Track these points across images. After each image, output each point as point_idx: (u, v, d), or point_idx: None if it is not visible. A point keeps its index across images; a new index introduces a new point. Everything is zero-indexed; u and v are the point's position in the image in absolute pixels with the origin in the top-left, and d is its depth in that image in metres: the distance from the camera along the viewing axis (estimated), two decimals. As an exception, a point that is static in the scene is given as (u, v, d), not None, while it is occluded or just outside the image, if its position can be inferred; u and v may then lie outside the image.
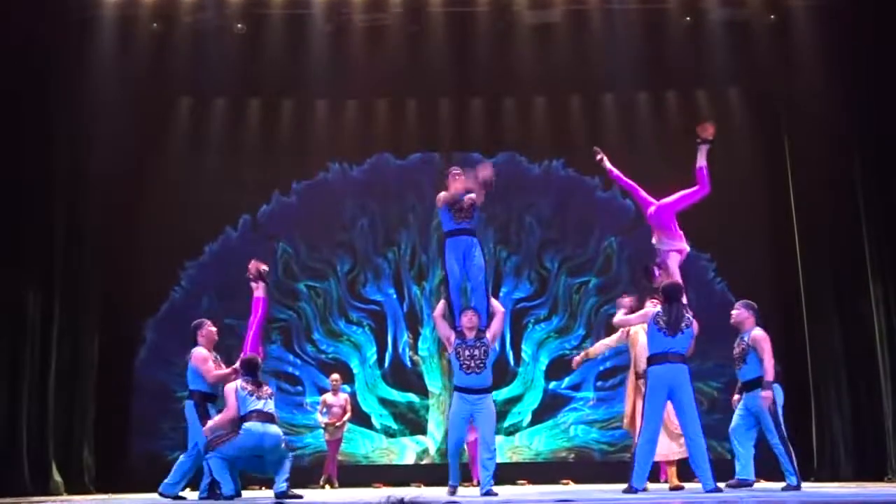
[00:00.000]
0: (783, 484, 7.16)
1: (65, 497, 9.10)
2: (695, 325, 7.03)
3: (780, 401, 7.29)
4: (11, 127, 9.49)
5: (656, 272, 7.64)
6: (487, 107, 12.29)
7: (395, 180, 12.40)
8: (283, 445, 7.02)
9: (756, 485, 7.45)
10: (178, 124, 12.04)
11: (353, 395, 11.35)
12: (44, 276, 9.78)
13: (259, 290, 8.08)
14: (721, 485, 6.78)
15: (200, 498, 7.15)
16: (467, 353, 7.15)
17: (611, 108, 12.19)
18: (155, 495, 8.13)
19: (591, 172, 12.32)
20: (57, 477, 9.51)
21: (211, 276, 11.91)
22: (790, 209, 11.24)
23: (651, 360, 6.88)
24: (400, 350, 11.84)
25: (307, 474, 10.60)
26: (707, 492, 6.59)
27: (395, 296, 12.12)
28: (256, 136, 12.11)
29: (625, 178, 8.15)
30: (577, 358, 8.46)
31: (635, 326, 7.78)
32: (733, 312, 7.50)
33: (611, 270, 12.09)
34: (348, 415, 10.69)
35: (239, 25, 11.35)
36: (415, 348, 11.98)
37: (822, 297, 10.70)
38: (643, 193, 8.01)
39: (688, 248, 7.91)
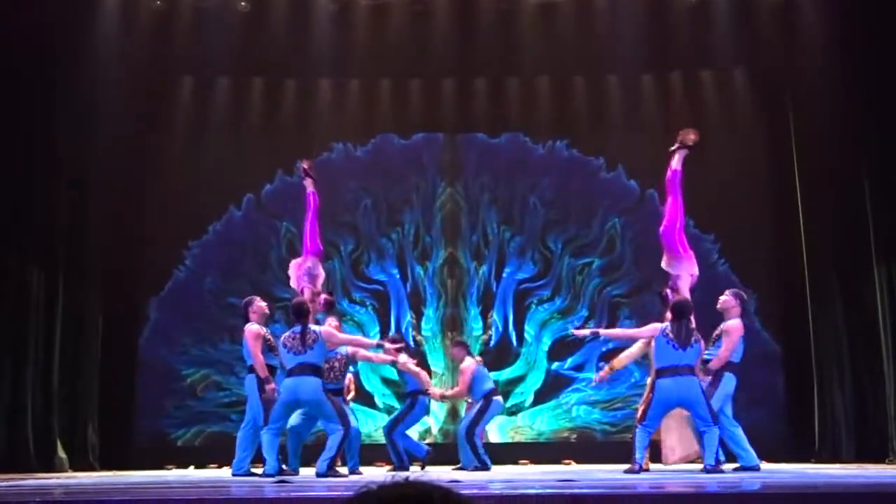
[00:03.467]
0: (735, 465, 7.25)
1: (69, 474, 9.16)
2: (702, 343, 7.11)
3: (730, 390, 7.36)
4: (15, 107, 9.48)
5: (670, 295, 7.73)
6: (491, 87, 12.25)
7: (399, 160, 12.38)
8: (320, 394, 7.07)
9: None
10: (182, 103, 12.02)
11: (356, 375, 11.39)
12: (47, 254, 9.80)
13: (309, 185, 8.55)
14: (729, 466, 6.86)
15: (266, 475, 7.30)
16: None
17: (615, 89, 12.16)
18: (159, 472, 8.21)
19: (595, 153, 12.32)
20: (61, 454, 9.57)
21: (215, 255, 11.94)
22: (795, 190, 11.22)
23: (660, 373, 6.95)
24: (403, 330, 11.86)
25: (308, 453, 10.68)
26: (706, 468, 6.64)
27: (398, 276, 12.13)
28: (260, 116, 12.09)
29: (678, 187, 8.02)
30: (602, 373, 8.43)
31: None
32: (721, 298, 7.63)
33: (614, 251, 12.09)
34: (352, 394, 10.72)
35: (242, 3, 11.32)
36: (418, 328, 12.01)
37: (825, 279, 10.69)
38: (669, 207, 8.00)
39: (696, 272, 7.91)
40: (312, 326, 7.27)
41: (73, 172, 10.18)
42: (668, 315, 7.31)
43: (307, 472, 7.73)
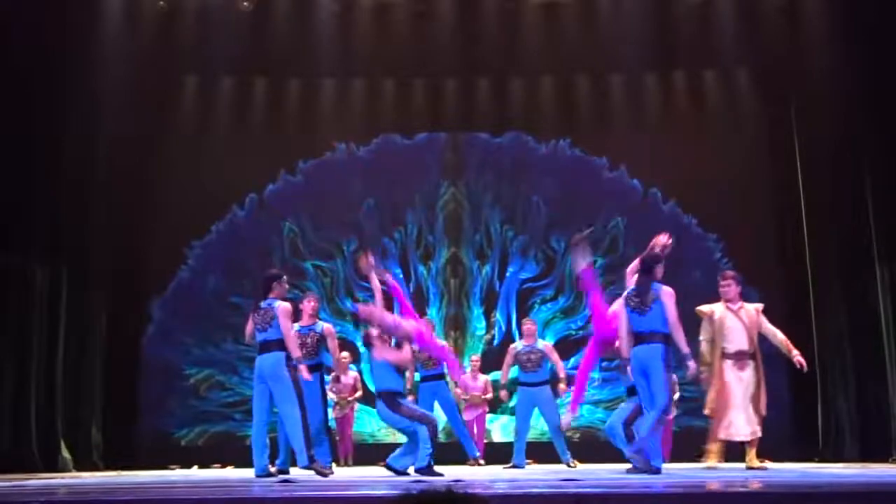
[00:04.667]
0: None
1: (74, 474, 9.18)
2: (664, 294, 6.70)
3: None
4: (20, 106, 9.49)
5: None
6: (494, 86, 12.26)
7: (402, 160, 12.40)
8: (279, 370, 7.04)
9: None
10: (185, 103, 12.05)
11: (359, 374, 11.40)
12: (51, 255, 9.81)
13: (374, 281, 7.66)
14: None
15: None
16: (524, 357, 8.99)
17: (618, 89, 12.16)
18: (163, 472, 8.22)
19: (598, 153, 12.33)
20: (66, 454, 9.59)
21: (218, 255, 11.97)
22: (798, 189, 11.23)
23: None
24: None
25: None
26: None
27: (401, 275, 12.14)
28: (263, 115, 12.12)
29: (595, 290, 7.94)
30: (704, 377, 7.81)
31: (716, 309, 7.75)
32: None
33: (617, 251, 12.09)
34: (359, 393, 10.75)
35: (245, 3, 11.33)
36: (421, 327, 12.00)
37: (828, 278, 10.70)
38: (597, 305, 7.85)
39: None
40: (275, 303, 7.19)
41: (76, 172, 10.20)
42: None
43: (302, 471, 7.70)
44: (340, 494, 4.60)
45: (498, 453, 10.51)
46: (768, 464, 8.10)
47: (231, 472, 9.36)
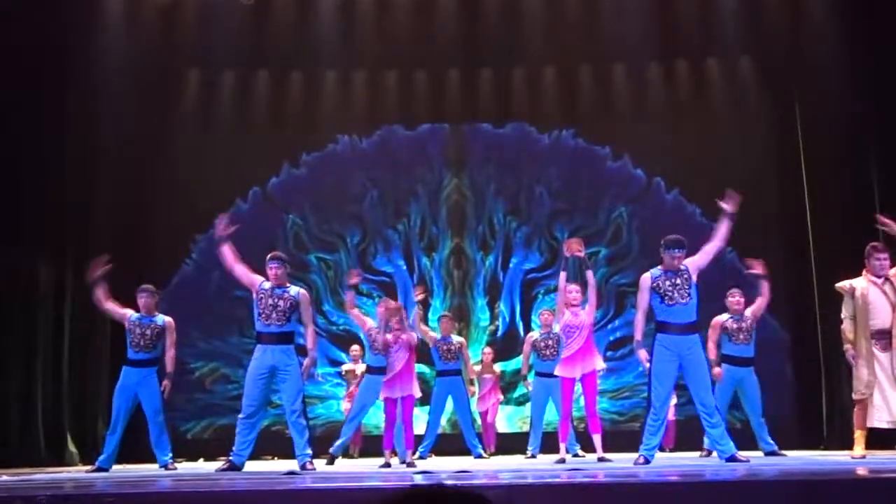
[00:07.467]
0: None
1: (80, 467, 9.21)
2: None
3: None
4: (23, 104, 9.49)
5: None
6: (497, 77, 12.24)
7: (405, 152, 12.39)
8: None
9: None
10: (187, 97, 12.05)
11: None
12: (56, 251, 9.83)
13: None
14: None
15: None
16: (542, 344, 8.99)
17: (621, 78, 12.13)
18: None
19: (601, 142, 12.31)
20: (72, 448, 9.63)
21: (222, 248, 11.96)
22: (802, 178, 11.19)
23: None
24: (410, 321, 11.84)
25: (318, 444, 10.70)
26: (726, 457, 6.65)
27: (404, 267, 12.15)
28: (266, 108, 12.11)
29: None
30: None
31: (857, 284, 7.33)
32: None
33: (621, 240, 12.09)
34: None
35: (246, -3, 11.32)
36: (425, 320, 12.00)
37: (833, 268, 10.65)
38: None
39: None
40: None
41: (80, 168, 10.21)
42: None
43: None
44: (344, 486, 4.61)
45: (502, 445, 10.53)
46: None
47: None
